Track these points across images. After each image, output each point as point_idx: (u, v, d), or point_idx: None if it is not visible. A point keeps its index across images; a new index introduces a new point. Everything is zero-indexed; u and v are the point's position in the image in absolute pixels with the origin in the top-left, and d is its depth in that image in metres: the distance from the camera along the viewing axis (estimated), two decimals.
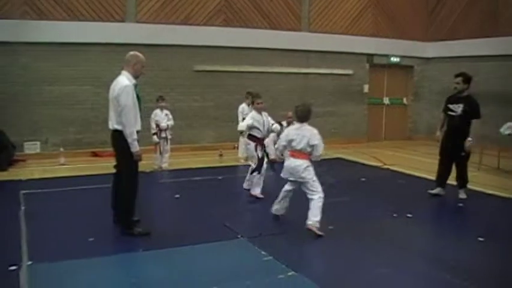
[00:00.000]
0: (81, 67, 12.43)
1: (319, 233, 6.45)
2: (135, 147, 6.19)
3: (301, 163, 6.64)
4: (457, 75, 8.70)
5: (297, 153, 6.68)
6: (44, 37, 11.80)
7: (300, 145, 6.63)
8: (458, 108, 8.53)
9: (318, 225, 6.49)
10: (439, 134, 9.07)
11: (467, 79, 8.60)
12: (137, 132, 6.29)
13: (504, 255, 6.21)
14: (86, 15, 12.37)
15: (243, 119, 12.09)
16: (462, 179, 8.82)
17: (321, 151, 6.65)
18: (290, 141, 6.72)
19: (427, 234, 6.97)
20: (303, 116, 6.78)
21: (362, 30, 16.26)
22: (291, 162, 6.74)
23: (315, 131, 6.68)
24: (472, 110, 8.44)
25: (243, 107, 12.20)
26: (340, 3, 15.79)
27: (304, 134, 6.65)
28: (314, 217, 6.51)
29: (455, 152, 8.61)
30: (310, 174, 6.66)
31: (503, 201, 8.86)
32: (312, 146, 6.61)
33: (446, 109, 8.79)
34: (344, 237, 6.72)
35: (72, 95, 12.41)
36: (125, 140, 6.17)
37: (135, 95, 6.22)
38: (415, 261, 5.75)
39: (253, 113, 8.67)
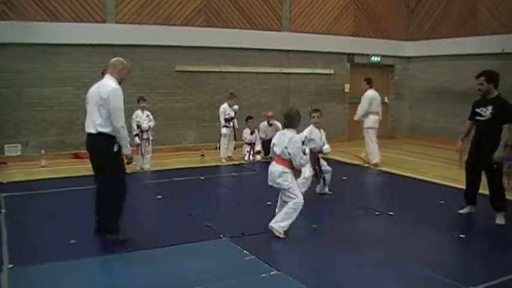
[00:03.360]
0: (61, 68, 12.31)
1: (278, 234, 6.36)
2: (129, 150, 6.27)
3: (277, 168, 6.46)
4: (478, 75, 7.34)
5: (277, 159, 6.51)
6: (22, 38, 11.64)
7: (278, 150, 6.45)
8: (486, 112, 7.20)
9: (280, 229, 6.38)
10: (460, 144, 7.80)
11: (490, 77, 7.24)
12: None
13: (484, 251, 6.28)
14: (66, 16, 12.25)
15: (225, 119, 12.12)
16: (497, 199, 7.34)
17: (300, 161, 6.42)
18: (273, 146, 6.60)
19: (409, 231, 7.00)
20: (286, 122, 6.64)
21: (343, 29, 16.32)
22: (270, 166, 6.62)
23: (295, 139, 6.45)
24: (503, 112, 7.10)
25: (225, 107, 12.19)
26: (320, 3, 15.82)
27: (283, 139, 6.44)
28: (279, 221, 6.42)
29: (484, 163, 7.28)
30: (286, 181, 6.42)
31: (484, 197, 8.92)
32: (290, 154, 6.40)
33: (474, 114, 7.44)
34: (327, 235, 6.76)
35: (52, 96, 12.27)
36: (110, 143, 6.09)
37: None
38: (397, 258, 5.79)
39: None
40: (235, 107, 12.37)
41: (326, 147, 8.66)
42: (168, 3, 13.46)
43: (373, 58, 16.99)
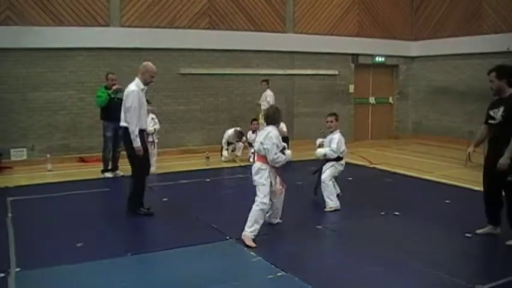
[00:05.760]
0: (65, 72, 12.35)
1: (249, 244, 6.10)
2: (136, 143, 7.23)
3: (255, 165, 6.43)
4: (489, 71, 6.37)
5: (257, 155, 6.47)
6: (27, 43, 11.69)
7: (256, 146, 6.42)
8: (497, 113, 6.23)
9: (251, 235, 6.18)
10: (471, 149, 6.72)
11: (502, 73, 6.21)
12: (143, 130, 7.53)
13: (491, 251, 6.26)
14: (70, 20, 12.28)
15: (229, 143, 12.31)
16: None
17: (273, 156, 6.20)
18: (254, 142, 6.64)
19: (415, 231, 6.99)
20: (266, 119, 6.65)
21: (347, 30, 16.31)
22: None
23: (272, 134, 6.27)
24: None
25: (230, 134, 12.54)
26: (324, 3, 15.82)
27: (261, 134, 6.46)
28: (247, 227, 6.22)
29: (497, 174, 6.13)
30: (260, 178, 6.30)
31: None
32: (265, 149, 6.27)
33: (487, 117, 6.47)
34: (332, 236, 6.77)
35: (57, 100, 12.31)
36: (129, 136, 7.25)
37: (142, 99, 7.37)
38: (403, 258, 5.78)
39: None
40: (240, 144, 12.66)
41: (318, 151, 8.13)
42: (171, 6, 13.48)
43: (377, 58, 16.99)
